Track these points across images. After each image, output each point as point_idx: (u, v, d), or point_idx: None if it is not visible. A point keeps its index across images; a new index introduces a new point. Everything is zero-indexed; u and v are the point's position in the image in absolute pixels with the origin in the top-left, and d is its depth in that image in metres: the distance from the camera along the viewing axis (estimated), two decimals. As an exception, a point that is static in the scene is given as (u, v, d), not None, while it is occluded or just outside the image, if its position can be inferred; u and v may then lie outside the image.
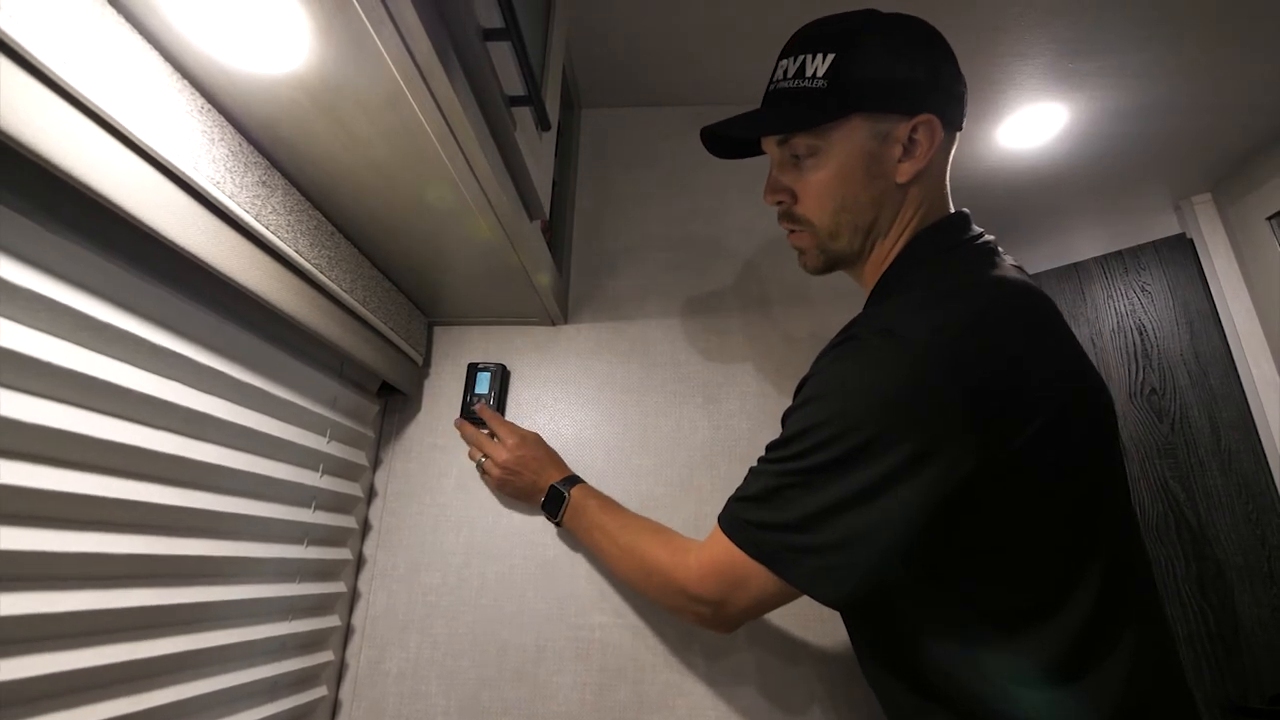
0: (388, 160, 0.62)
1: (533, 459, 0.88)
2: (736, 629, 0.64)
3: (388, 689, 0.87)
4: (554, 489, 0.84)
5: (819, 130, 0.61)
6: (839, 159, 0.61)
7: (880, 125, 0.60)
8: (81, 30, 0.43)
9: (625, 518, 0.77)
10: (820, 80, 0.60)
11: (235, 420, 0.66)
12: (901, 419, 0.49)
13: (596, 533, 0.77)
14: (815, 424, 0.53)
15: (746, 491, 0.58)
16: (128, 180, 0.47)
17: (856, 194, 0.62)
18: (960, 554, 0.53)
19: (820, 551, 0.52)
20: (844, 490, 0.50)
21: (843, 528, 0.51)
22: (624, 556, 0.72)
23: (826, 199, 0.63)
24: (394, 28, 0.46)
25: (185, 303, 0.59)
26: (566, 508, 0.82)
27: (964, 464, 0.48)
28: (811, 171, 0.63)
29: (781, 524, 0.54)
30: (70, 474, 0.49)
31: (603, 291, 1.07)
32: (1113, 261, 1.86)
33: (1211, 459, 1.60)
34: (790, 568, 0.53)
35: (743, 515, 0.57)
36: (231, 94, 0.55)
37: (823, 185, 0.63)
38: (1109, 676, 0.49)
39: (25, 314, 0.46)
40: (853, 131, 0.61)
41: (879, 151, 0.61)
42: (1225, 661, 1.49)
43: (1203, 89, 1.25)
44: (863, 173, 0.61)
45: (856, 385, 0.52)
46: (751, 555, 0.55)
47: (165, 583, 0.59)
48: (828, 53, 0.60)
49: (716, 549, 0.58)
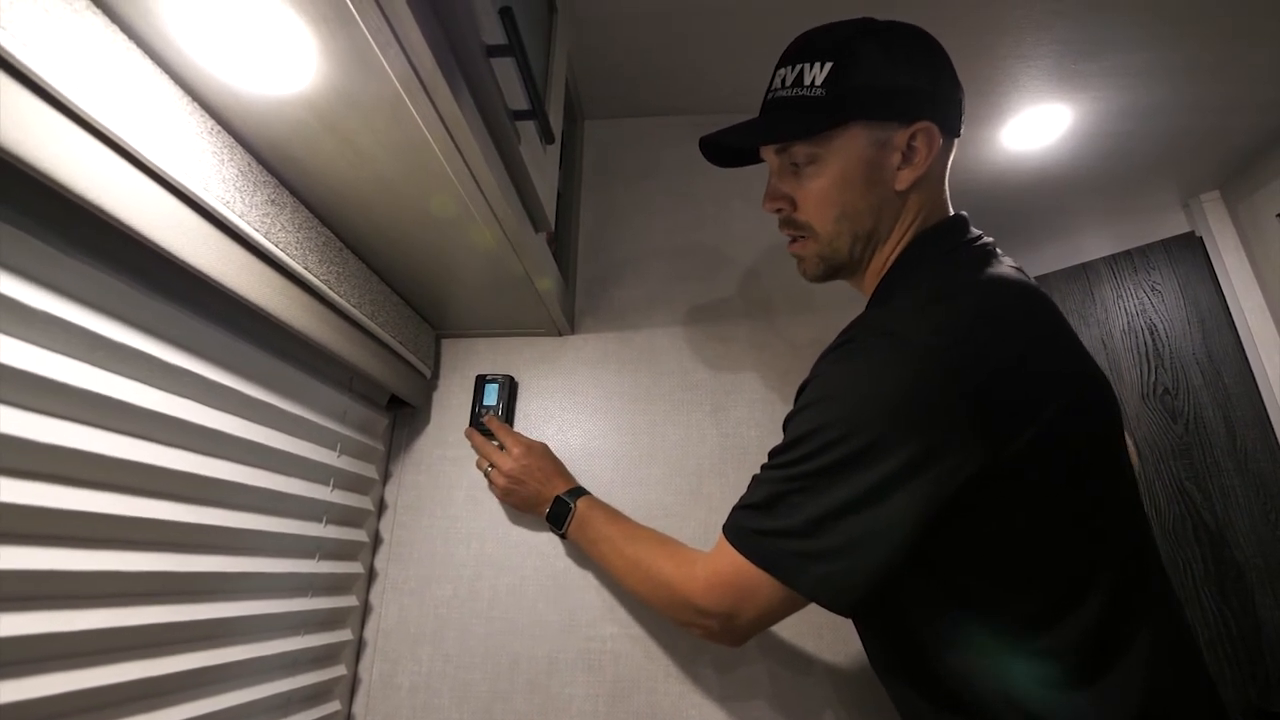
0: (394, 176, 0.63)
1: (538, 469, 0.87)
2: (745, 642, 0.62)
3: (400, 703, 0.87)
4: (559, 500, 0.83)
5: (818, 138, 0.62)
6: (838, 166, 0.62)
7: (879, 133, 0.60)
8: (93, 56, 0.43)
9: (631, 530, 0.76)
10: (819, 89, 0.60)
11: (246, 436, 0.66)
12: (904, 421, 0.49)
13: (603, 545, 0.76)
14: (817, 428, 0.52)
15: (750, 500, 0.57)
16: (140, 202, 0.47)
17: (856, 201, 0.62)
18: (967, 557, 0.52)
19: (826, 557, 0.51)
20: (848, 493, 0.50)
21: (848, 531, 0.50)
22: (630, 570, 0.71)
23: (826, 206, 0.63)
24: (399, 47, 0.46)
25: (196, 320, 0.60)
26: (572, 519, 0.81)
27: (968, 465, 0.48)
28: (811, 179, 0.63)
29: (786, 530, 0.53)
30: (84, 493, 0.50)
31: (609, 302, 1.07)
32: (1121, 261, 1.84)
33: (1227, 459, 1.59)
34: (797, 575, 0.53)
35: (747, 524, 0.57)
36: (240, 115, 0.56)
37: (822, 193, 0.63)
38: (1126, 679, 0.49)
39: (40, 335, 0.46)
40: (852, 139, 0.61)
41: (878, 159, 0.61)
42: (1247, 665, 1.47)
43: (1208, 87, 1.25)
44: (862, 180, 0.61)
45: (858, 388, 0.52)
46: (757, 564, 0.54)
47: (179, 599, 0.59)
48: (825, 61, 0.60)
49: (722, 560, 0.58)
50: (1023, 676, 0.51)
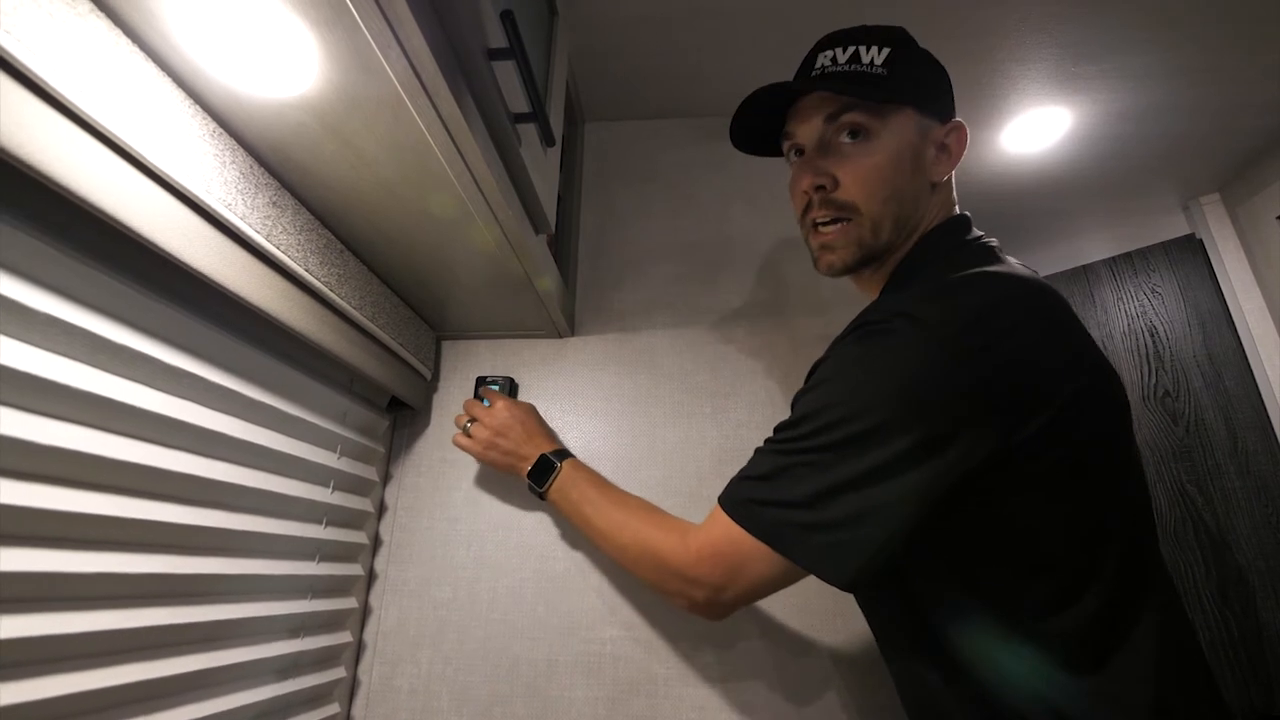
0: (395, 178, 0.63)
1: (522, 424, 0.84)
2: (727, 617, 0.61)
3: (399, 705, 0.87)
4: (544, 458, 0.79)
5: (878, 110, 0.61)
6: (892, 146, 0.62)
7: (925, 122, 0.63)
8: (96, 59, 0.44)
9: (617, 494, 0.73)
10: (880, 68, 0.61)
11: (247, 438, 0.66)
12: (915, 404, 0.49)
13: (586, 507, 0.73)
14: (827, 405, 0.52)
15: (751, 471, 0.57)
16: (142, 204, 0.47)
17: (903, 186, 0.62)
18: (973, 542, 0.52)
19: (828, 528, 0.51)
20: (854, 470, 0.50)
21: (851, 505, 0.50)
22: (615, 535, 0.68)
23: (878, 185, 0.61)
24: (401, 49, 0.46)
25: (197, 322, 0.60)
26: (555, 478, 0.77)
27: (978, 450, 0.48)
28: (862, 155, 0.62)
29: (788, 501, 0.52)
30: (84, 494, 0.50)
31: (609, 304, 1.07)
32: (1122, 263, 1.84)
33: (1229, 461, 1.58)
34: (795, 545, 0.52)
35: (747, 494, 0.55)
36: (242, 118, 0.56)
37: (875, 170, 0.61)
38: (1131, 668, 0.49)
39: (41, 337, 0.47)
40: (906, 121, 0.62)
41: (921, 149, 0.63)
42: (1248, 669, 1.46)
43: (1208, 90, 1.25)
44: (910, 165, 0.62)
45: (871, 369, 0.52)
46: (754, 534, 0.53)
47: (179, 601, 0.59)
48: (884, 46, 0.62)
49: (715, 530, 0.57)
50: (1023, 661, 0.51)
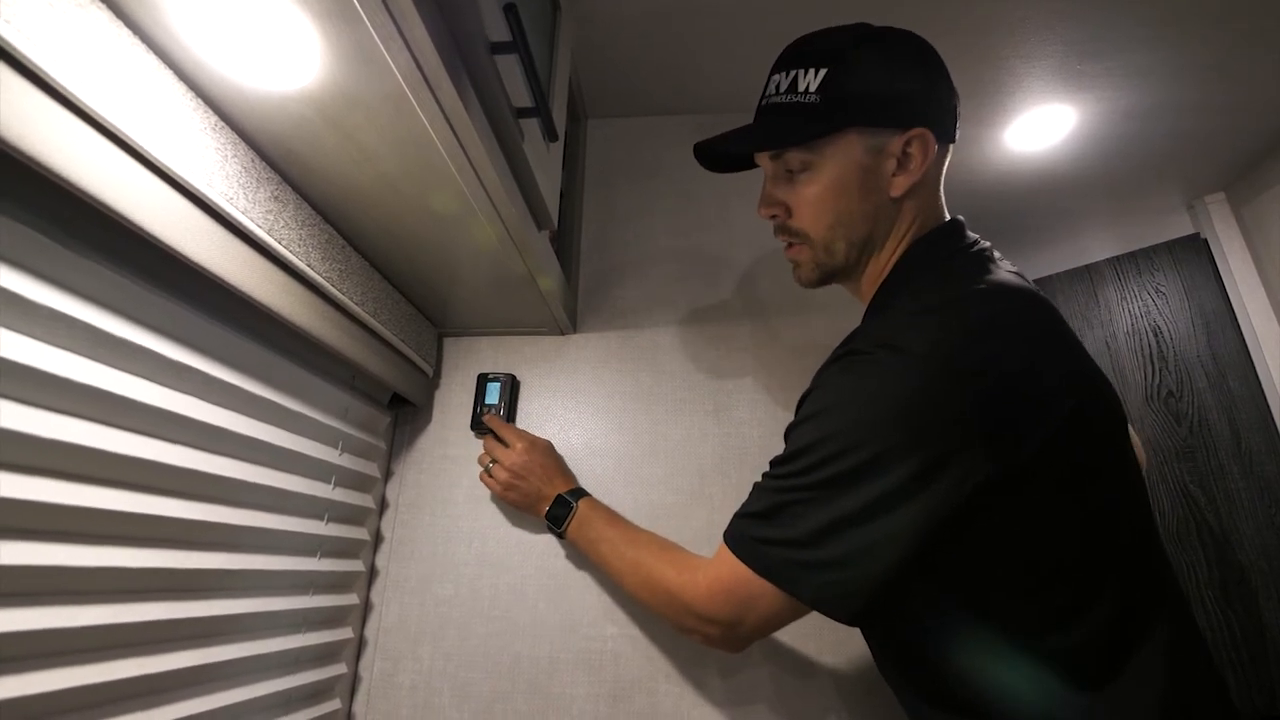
0: (397, 172, 0.63)
1: (541, 466, 0.87)
2: (746, 648, 0.62)
3: (400, 701, 0.87)
4: (561, 499, 0.83)
5: (812, 145, 0.61)
6: (833, 173, 0.61)
7: (874, 139, 0.60)
8: (97, 50, 0.43)
9: (632, 533, 0.75)
10: (813, 95, 0.60)
11: (248, 433, 0.66)
12: (908, 432, 0.49)
13: (603, 546, 0.75)
14: (820, 439, 0.52)
15: (751, 508, 0.57)
16: (143, 197, 0.47)
17: (851, 208, 0.62)
18: (975, 564, 0.52)
19: (829, 567, 0.51)
20: (851, 505, 0.50)
21: (851, 542, 0.50)
22: (630, 574, 0.70)
23: (821, 213, 0.63)
24: (403, 43, 0.46)
25: (198, 317, 0.60)
26: (573, 518, 0.81)
27: (975, 474, 0.48)
28: (805, 185, 0.63)
29: (788, 540, 0.53)
30: (85, 489, 0.50)
31: (611, 301, 1.07)
32: (1125, 263, 1.84)
33: (1232, 462, 1.58)
34: (799, 584, 0.53)
35: (749, 532, 0.56)
36: (244, 111, 0.56)
37: (817, 199, 0.63)
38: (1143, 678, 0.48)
39: (43, 331, 0.46)
40: (847, 145, 0.61)
41: (873, 165, 0.61)
42: (1250, 669, 1.46)
43: (1213, 89, 1.24)
44: (857, 187, 0.61)
45: (861, 399, 0.52)
46: (759, 573, 0.54)
47: (180, 596, 0.59)
48: (820, 68, 0.60)
49: (723, 568, 0.57)
50: (1027, 682, 0.50)
